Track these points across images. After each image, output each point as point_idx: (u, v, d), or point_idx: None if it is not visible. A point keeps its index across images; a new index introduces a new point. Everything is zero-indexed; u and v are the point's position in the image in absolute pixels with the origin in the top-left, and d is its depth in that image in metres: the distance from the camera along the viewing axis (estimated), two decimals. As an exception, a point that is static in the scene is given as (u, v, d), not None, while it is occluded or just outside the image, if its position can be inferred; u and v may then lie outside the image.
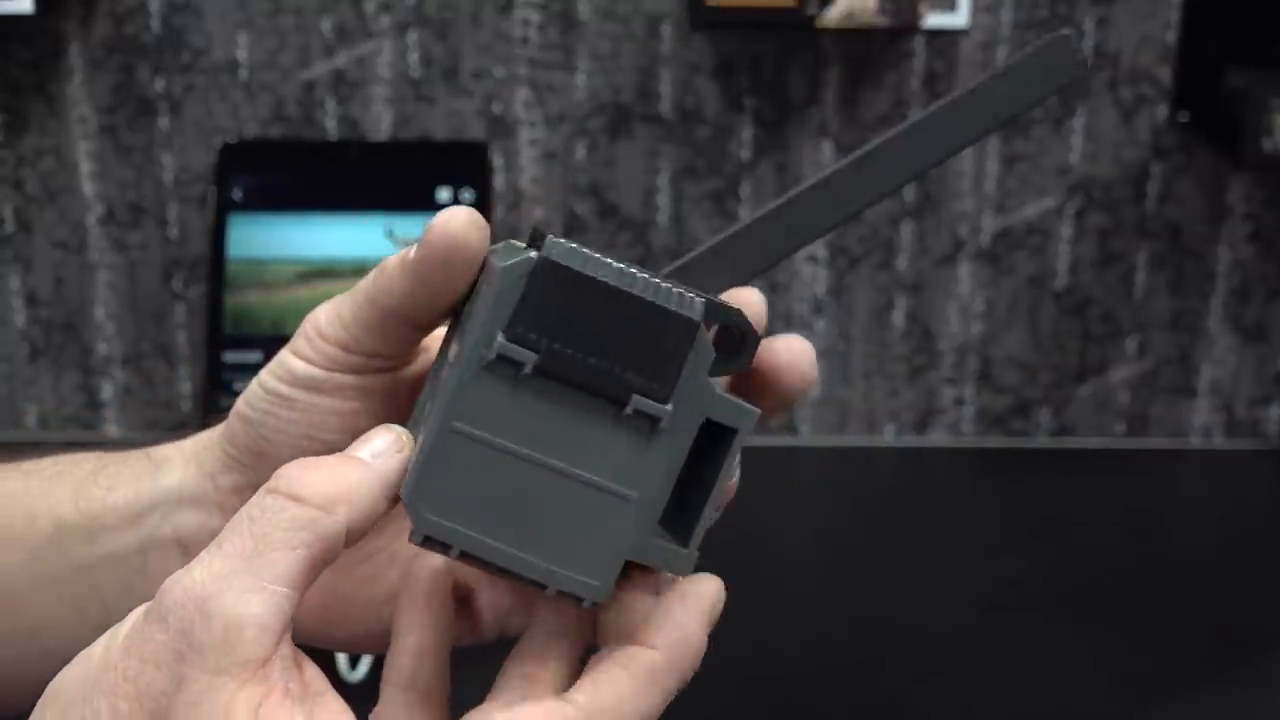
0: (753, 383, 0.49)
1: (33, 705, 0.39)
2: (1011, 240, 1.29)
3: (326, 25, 1.22)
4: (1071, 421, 1.33)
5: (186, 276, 1.27)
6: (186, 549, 0.51)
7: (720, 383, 0.46)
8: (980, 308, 1.30)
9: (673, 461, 0.41)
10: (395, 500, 0.42)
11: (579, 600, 0.42)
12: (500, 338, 0.40)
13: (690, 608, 0.41)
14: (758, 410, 0.42)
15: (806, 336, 1.29)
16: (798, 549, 1.17)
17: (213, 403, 1.17)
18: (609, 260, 0.41)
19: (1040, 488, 1.26)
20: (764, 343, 0.48)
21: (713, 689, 0.99)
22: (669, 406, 0.41)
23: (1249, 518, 1.22)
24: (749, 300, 0.49)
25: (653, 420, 0.41)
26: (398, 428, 0.43)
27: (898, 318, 1.30)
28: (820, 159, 1.26)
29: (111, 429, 1.29)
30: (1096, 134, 1.26)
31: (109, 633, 0.39)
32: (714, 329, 0.43)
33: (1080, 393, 1.32)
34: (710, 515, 0.44)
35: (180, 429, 1.28)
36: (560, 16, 1.22)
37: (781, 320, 1.30)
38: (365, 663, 0.94)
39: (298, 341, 0.48)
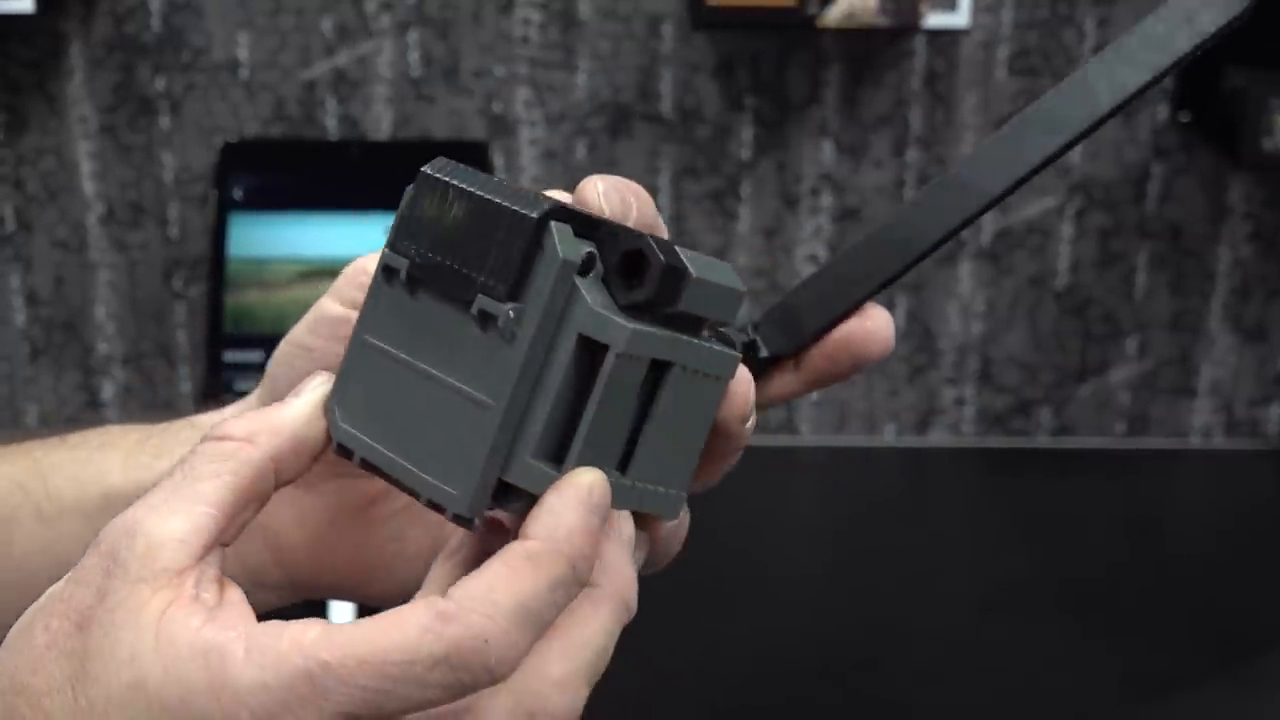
0: (829, 351, 0.49)
1: None
2: (1012, 240, 1.29)
3: (327, 25, 1.22)
4: (1072, 421, 1.33)
5: (187, 276, 1.27)
6: None
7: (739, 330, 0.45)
8: (981, 307, 1.30)
9: (535, 372, 0.40)
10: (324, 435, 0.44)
11: (443, 511, 0.41)
12: (386, 248, 0.42)
13: (564, 494, 0.40)
14: (630, 327, 0.40)
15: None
16: (798, 549, 1.17)
17: (213, 402, 1.17)
18: (486, 177, 0.42)
19: (1040, 487, 1.26)
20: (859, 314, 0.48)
21: (715, 688, 0.99)
22: (506, 306, 0.40)
23: (1249, 517, 1.22)
24: (872, 315, 0.50)
25: (493, 319, 0.40)
26: (325, 374, 0.44)
27: (898, 317, 1.30)
28: (820, 158, 1.26)
29: (112, 428, 1.29)
30: (1097, 134, 1.26)
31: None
32: (621, 255, 0.41)
33: (1080, 393, 1.32)
34: (678, 462, 0.43)
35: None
36: (561, 16, 1.22)
37: (782, 320, 1.30)
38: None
39: (339, 286, 0.49)
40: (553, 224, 0.40)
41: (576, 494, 0.40)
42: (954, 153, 1.26)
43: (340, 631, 0.38)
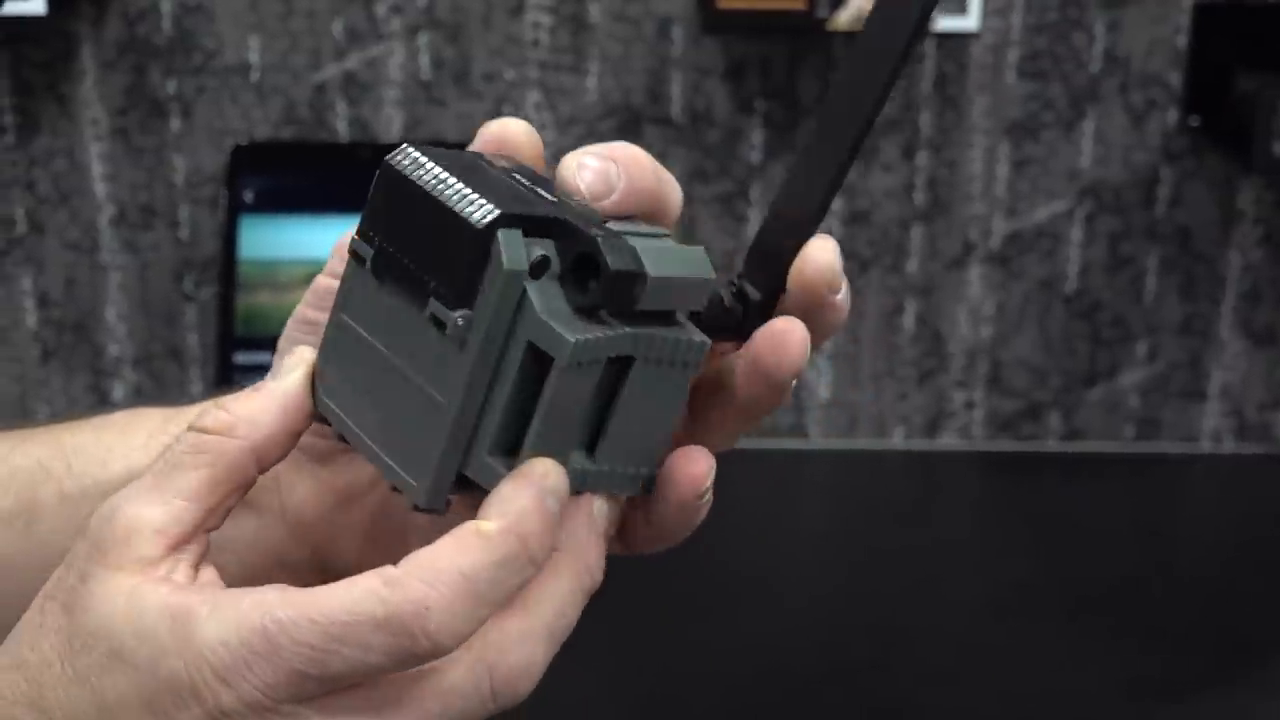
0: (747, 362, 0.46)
1: None
2: (1022, 244, 1.29)
3: (338, 28, 1.22)
4: (1081, 425, 1.33)
5: (198, 278, 1.27)
6: (256, 492, 0.52)
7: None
8: (990, 311, 1.30)
9: (487, 376, 0.41)
10: (307, 412, 0.45)
11: (404, 496, 0.43)
12: (354, 234, 0.43)
13: (518, 480, 0.41)
14: (572, 339, 0.40)
15: (816, 339, 1.29)
16: (807, 551, 1.17)
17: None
18: (448, 168, 0.42)
19: (1050, 491, 1.26)
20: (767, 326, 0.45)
21: (722, 690, 0.99)
22: (457, 314, 0.40)
23: (1259, 522, 1.22)
24: (807, 253, 0.46)
25: (444, 325, 0.41)
26: (306, 350, 0.45)
27: (908, 321, 1.30)
28: (830, 162, 1.26)
29: (122, 430, 1.29)
30: (1107, 138, 1.26)
31: None
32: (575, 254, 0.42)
33: (1090, 397, 1.32)
34: (640, 453, 0.43)
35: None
36: (571, 19, 1.22)
37: (791, 323, 1.30)
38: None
39: (333, 261, 0.50)
40: (500, 232, 0.40)
41: (528, 480, 0.41)
42: (964, 156, 1.26)
43: (297, 593, 0.40)
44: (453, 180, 0.41)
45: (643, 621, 0.99)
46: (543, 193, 0.43)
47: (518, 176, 0.44)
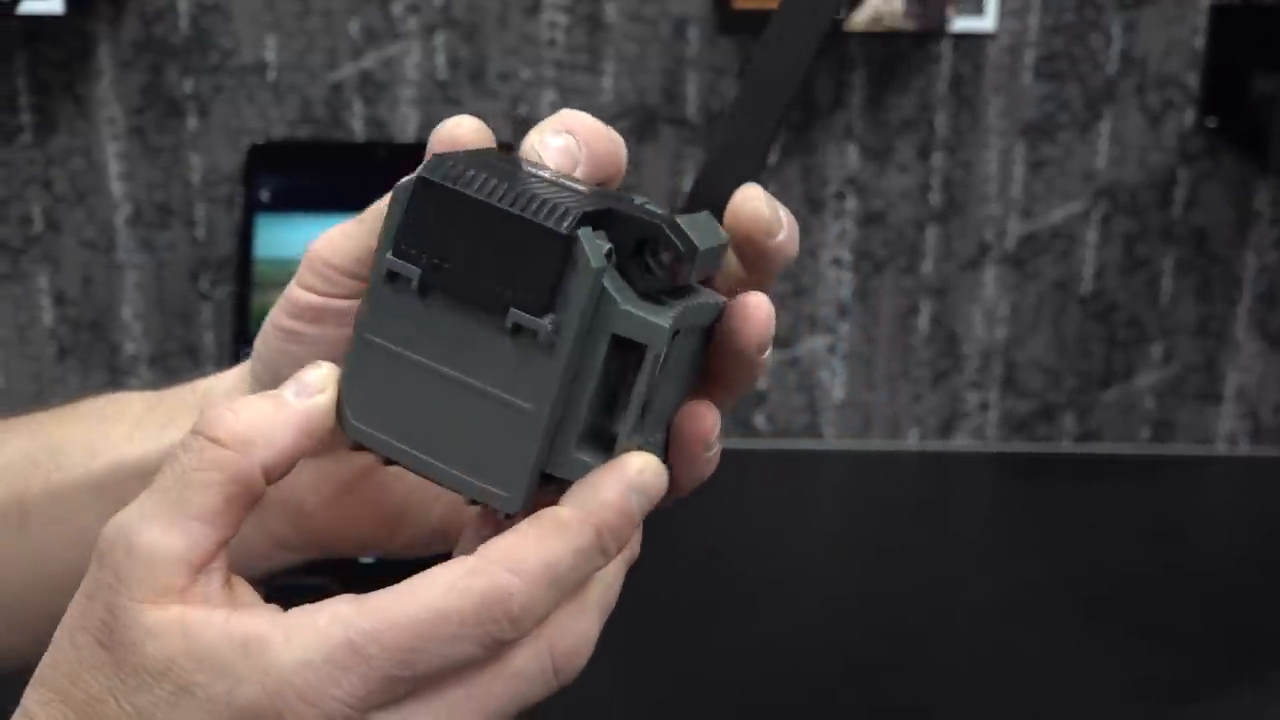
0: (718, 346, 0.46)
1: None
2: (1037, 245, 1.28)
3: (354, 27, 1.23)
4: (1096, 427, 1.33)
5: (214, 277, 1.27)
6: None
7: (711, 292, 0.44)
8: (1005, 312, 1.30)
9: (572, 375, 0.41)
10: (328, 435, 0.44)
11: (490, 508, 0.43)
12: (388, 254, 0.42)
13: (609, 473, 0.42)
14: (666, 326, 0.41)
15: (830, 340, 1.30)
16: (820, 552, 1.17)
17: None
18: (496, 175, 0.41)
19: (1064, 493, 1.26)
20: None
21: (735, 691, 0.99)
22: (545, 320, 0.40)
23: (1274, 524, 1.22)
24: (739, 202, 0.46)
25: (533, 334, 0.41)
26: (328, 364, 0.44)
27: (922, 322, 1.30)
28: (845, 162, 1.26)
29: (138, 428, 1.30)
30: (1123, 139, 1.26)
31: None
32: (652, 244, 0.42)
33: (1105, 398, 1.32)
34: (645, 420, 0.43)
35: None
36: (587, 19, 1.23)
37: (806, 323, 1.30)
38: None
39: (302, 273, 0.50)
40: (580, 233, 0.40)
41: (620, 473, 0.42)
42: (980, 157, 1.26)
43: (374, 599, 0.40)
44: (506, 186, 0.41)
45: (657, 622, 0.99)
46: (566, 181, 0.43)
47: (531, 169, 0.44)
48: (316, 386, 0.44)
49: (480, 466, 0.42)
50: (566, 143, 0.45)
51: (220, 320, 1.27)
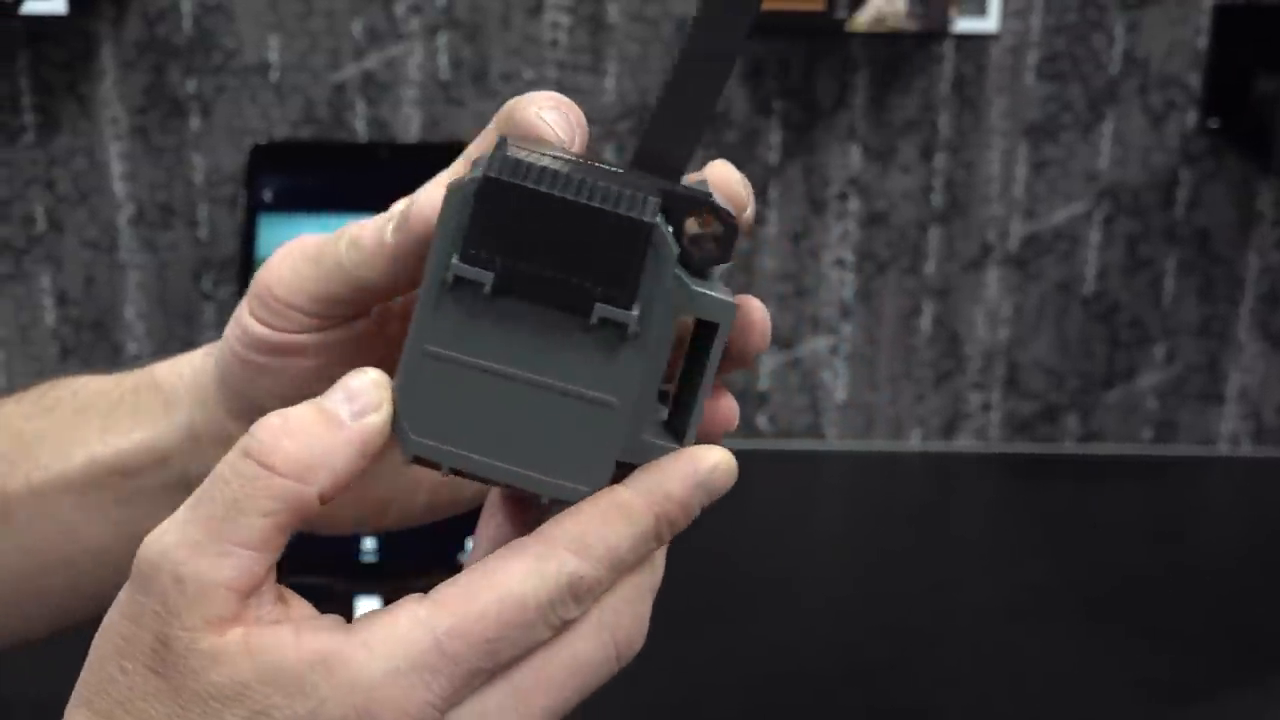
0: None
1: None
2: (1040, 245, 1.28)
3: (357, 27, 1.23)
4: (1099, 428, 1.33)
5: (216, 277, 1.27)
6: None
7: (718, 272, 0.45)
8: (1008, 313, 1.30)
9: (651, 362, 0.41)
10: (380, 453, 0.42)
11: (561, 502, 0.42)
12: (455, 259, 0.40)
13: (680, 464, 0.42)
14: (732, 301, 0.41)
15: (833, 341, 1.30)
16: (823, 553, 1.17)
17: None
18: (556, 167, 0.40)
19: (1066, 494, 1.26)
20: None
21: (738, 692, 0.99)
22: (634, 312, 0.40)
23: (1276, 525, 1.22)
24: (720, 178, 0.46)
25: (620, 327, 0.40)
26: (376, 374, 0.42)
27: (925, 323, 1.30)
28: (848, 163, 1.26)
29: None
30: (1126, 140, 1.26)
31: (114, 603, 0.41)
32: (689, 221, 0.42)
33: (1108, 399, 1.32)
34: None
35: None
36: (589, 19, 1.23)
37: (808, 323, 1.30)
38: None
39: (252, 303, 0.48)
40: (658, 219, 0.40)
41: (688, 464, 0.42)
42: (982, 158, 1.26)
43: (445, 595, 0.39)
44: (569, 177, 0.40)
45: (658, 622, 0.99)
46: (596, 162, 0.43)
47: (557, 153, 0.43)
48: (372, 403, 0.41)
49: (556, 464, 0.41)
50: (564, 113, 0.45)
51: (222, 320, 1.27)
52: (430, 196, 0.44)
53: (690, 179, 0.46)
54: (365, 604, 0.93)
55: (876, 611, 1.08)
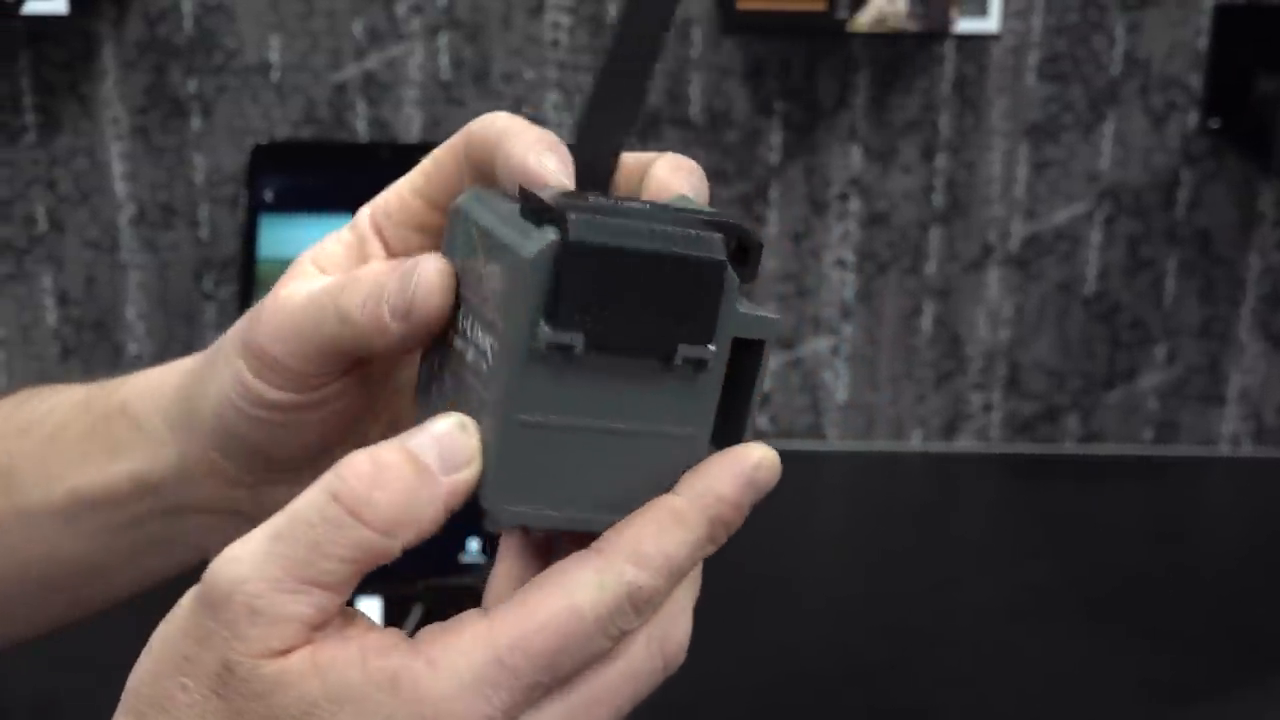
0: None
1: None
2: (1041, 246, 1.28)
3: (358, 28, 1.23)
4: (1099, 428, 1.33)
5: (217, 277, 1.27)
6: (217, 513, 0.53)
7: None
8: (1009, 313, 1.30)
9: (717, 388, 0.42)
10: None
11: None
12: (544, 327, 0.40)
13: (724, 461, 0.42)
14: (778, 316, 0.43)
15: (834, 342, 1.30)
16: (824, 553, 1.17)
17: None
18: (626, 218, 0.41)
19: (1067, 495, 1.26)
20: None
21: (739, 693, 0.99)
22: (713, 346, 0.41)
23: (1277, 526, 1.22)
24: (687, 181, 0.47)
25: (701, 363, 0.41)
26: (459, 420, 0.42)
27: (926, 323, 1.30)
28: (849, 163, 1.26)
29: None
30: (1127, 140, 1.26)
31: (164, 621, 0.41)
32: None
33: (1108, 399, 1.32)
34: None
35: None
36: (590, 19, 1.23)
37: (809, 324, 1.30)
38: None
39: (251, 361, 0.48)
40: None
41: (736, 464, 0.43)
42: (983, 158, 1.26)
43: (510, 611, 0.40)
44: (640, 227, 0.41)
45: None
46: (632, 203, 0.43)
47: (591, 196, 0.43)
48: (463, 457, 0.41)
49: (639, 503, 0.42)
50: (561, 159, 0.44)
51: (224, 320, 1.27)
52: (430, 285, 0.44)
53: (631, 164, 0.47)
54: (365, 604, 0.93)
55: (877, 612, 1.08)
